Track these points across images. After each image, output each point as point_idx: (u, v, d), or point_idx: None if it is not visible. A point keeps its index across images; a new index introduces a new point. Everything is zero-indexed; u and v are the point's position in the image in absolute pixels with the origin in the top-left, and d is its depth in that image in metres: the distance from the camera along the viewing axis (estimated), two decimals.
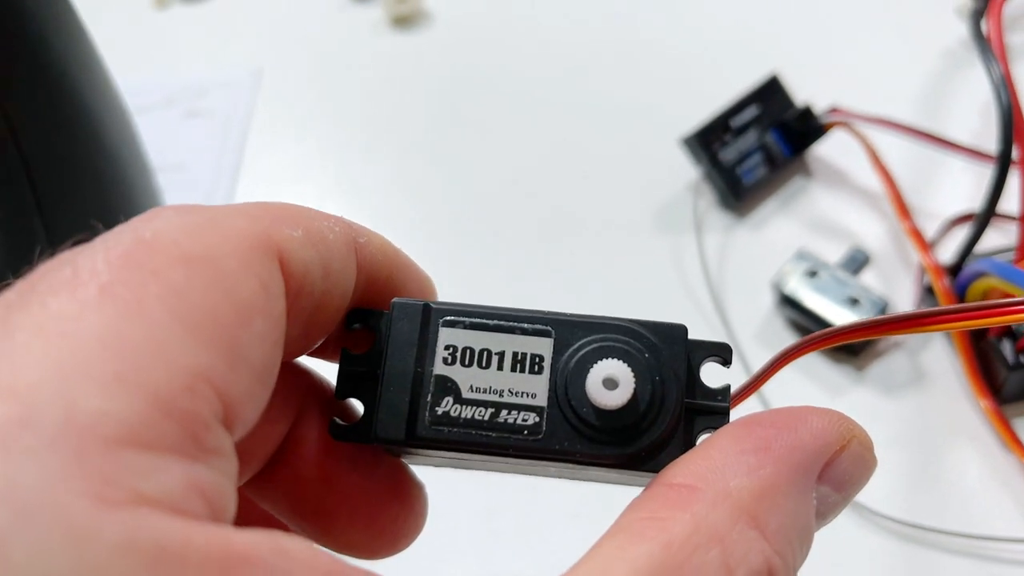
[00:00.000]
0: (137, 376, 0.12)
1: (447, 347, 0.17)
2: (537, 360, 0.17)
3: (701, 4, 0.52)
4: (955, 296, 0.34)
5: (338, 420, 0.17)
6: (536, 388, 0.17)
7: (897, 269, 0.38)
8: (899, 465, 0.33)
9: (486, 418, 0.17)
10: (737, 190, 0.41)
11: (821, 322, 0.35)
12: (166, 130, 0.49)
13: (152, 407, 0.12)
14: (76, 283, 0.13)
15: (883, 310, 0.35)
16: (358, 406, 0.18)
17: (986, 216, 0.32)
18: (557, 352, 0.17)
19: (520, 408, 0.17)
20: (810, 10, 0.50)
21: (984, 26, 0.34)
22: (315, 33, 0.54)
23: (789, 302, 0.36)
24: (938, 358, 0.35)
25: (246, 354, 0.14)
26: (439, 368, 0.17)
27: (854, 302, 0.35)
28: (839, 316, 0.34)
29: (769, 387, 0.35)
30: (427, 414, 0.17)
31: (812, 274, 0.36)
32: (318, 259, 0.16)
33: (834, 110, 0.41)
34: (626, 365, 0.16)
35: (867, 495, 0.32)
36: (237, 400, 0.13)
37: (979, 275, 0.32)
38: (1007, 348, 0.33)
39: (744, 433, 0.15)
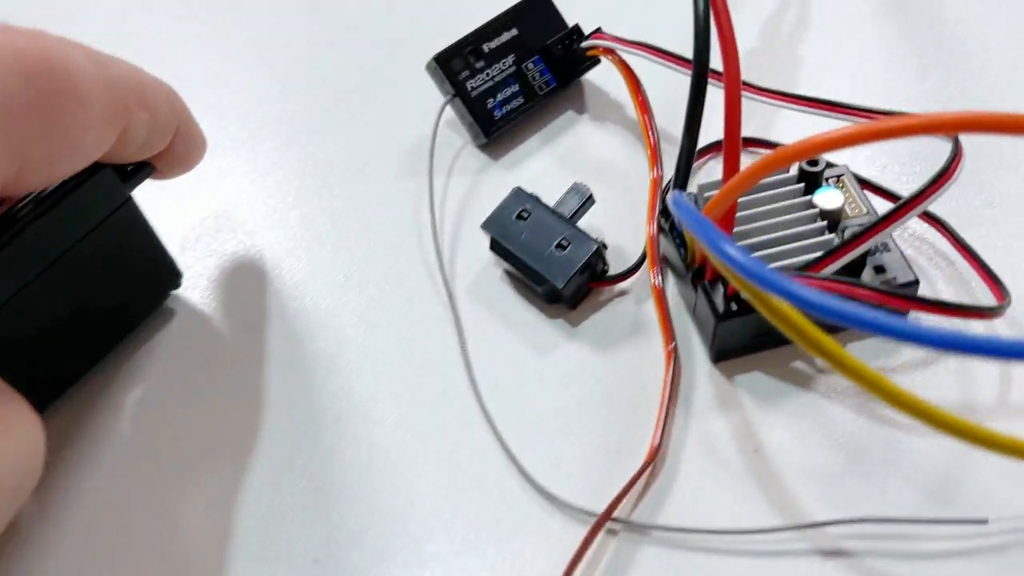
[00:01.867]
0: None
1: None
2: None
3: None
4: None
5: None
6: None
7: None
8: (597, 424, 0.29)
9: None
10: (487, 125, 0.36)
11: (526, 269, 0.31)
12: None
13: None
14: None
15: (595, 253, 0.30)
16: None
17: (688, 149, 0.27)
18: None
19: None
20: None
21: None
22: None
23: (497, 248, 0.32)
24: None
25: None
26: None
27: (562, 247, 0.30)
28: (540, 262, 0.30)
29: (473, 342, 0.31)
30: None
31: (523, 216, 0.31)
32: (145, 136, 0.25)
33: (596, 33, 0.37)
34: None
35: (568, 458, 0.28)
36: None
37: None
38: (719, 295, 0.28)
39: None
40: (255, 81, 0.41)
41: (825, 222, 0.29)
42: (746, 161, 0.35)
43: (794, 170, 0.30)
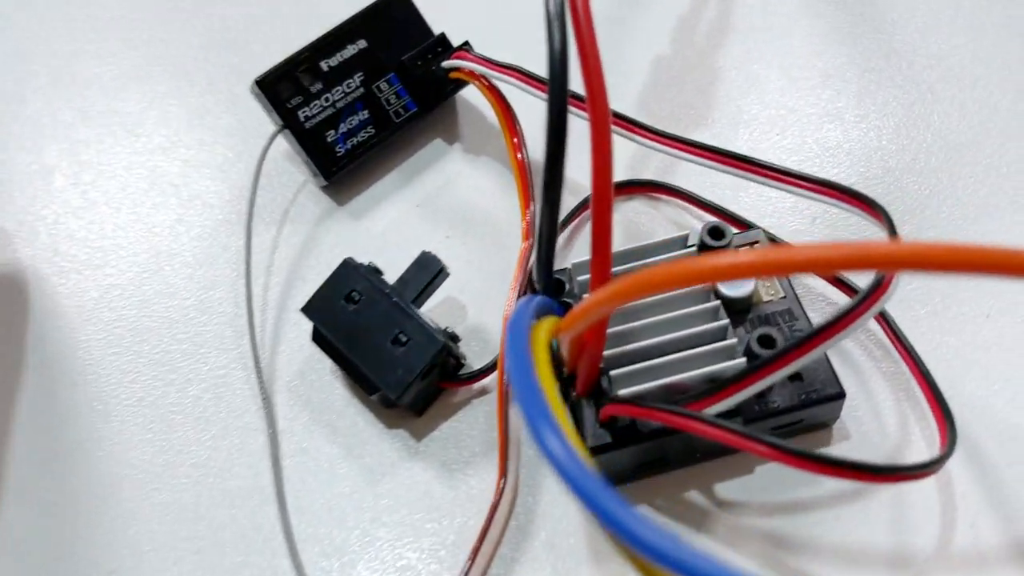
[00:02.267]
0: None
1: None
2: None
3: None
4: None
5: None
6: None
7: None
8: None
9: None
10: (326, 164, 0.29)
11: (353, 371, 0.24)
12: None
13: None
14: None
15: (441, 351, 0.23)
16: None
17: (547, 236, 0.20)
18: None
19: None
20: None
21: None
22: None
23: (321, 340, 0.25)
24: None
25: None
26: None
27: (400, 342, 0.24)
28: (371, 364, 0.23)
29: (290, 464, 0.24)
30: None
31: (353, 299, 0.24)
32: None
33: (460, 52, 0.29)
34: None
35: None
36: None
37: None
38: (589, 421, 0.22)
39: None
40: (50, 99, 0.33)
41: (727, 321, 0.22)
42: (645, 210, 0.28)
43: (693, 239, 0.24)
